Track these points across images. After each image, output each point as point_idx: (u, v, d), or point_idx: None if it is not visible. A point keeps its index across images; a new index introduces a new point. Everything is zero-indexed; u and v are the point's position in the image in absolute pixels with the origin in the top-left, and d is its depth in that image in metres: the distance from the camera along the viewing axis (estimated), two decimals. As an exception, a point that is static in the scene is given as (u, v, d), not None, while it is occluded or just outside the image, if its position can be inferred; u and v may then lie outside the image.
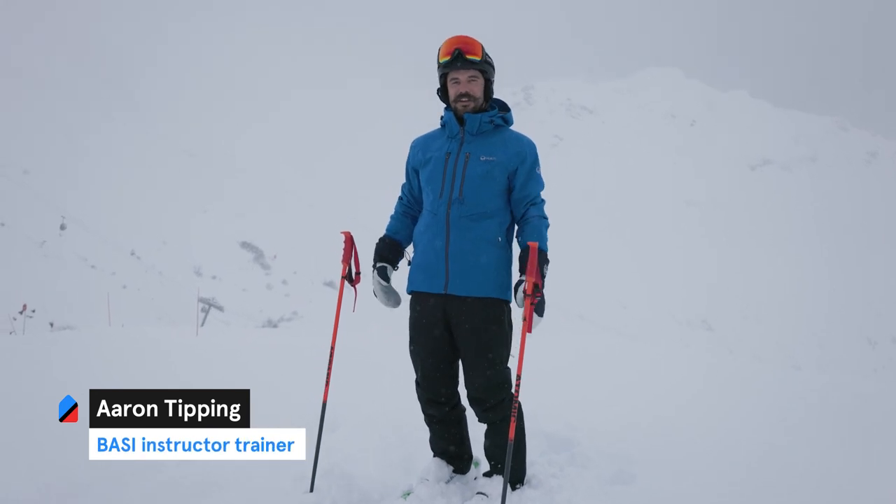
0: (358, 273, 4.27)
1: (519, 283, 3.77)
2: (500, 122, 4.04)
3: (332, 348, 4.27)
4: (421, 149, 4.15)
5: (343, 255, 4.18)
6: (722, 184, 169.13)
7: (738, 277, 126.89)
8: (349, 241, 4.23)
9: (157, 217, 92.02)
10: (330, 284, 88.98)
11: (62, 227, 68.03)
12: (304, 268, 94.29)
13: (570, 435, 5.27)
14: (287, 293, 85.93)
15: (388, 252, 4.15)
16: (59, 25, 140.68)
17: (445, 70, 3.97)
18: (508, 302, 4.00)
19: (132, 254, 74.22)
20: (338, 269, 4.47)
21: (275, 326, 54.74)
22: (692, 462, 4.84)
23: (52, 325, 21.34)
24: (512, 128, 4.13)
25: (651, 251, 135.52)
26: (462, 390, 4.12)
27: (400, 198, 4.31)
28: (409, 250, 4.20)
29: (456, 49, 3.88)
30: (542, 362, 7.84)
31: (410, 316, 4.10)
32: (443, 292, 3.93)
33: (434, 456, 4.28)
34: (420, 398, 4.14)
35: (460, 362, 4.08)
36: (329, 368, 4.23)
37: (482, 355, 3.89)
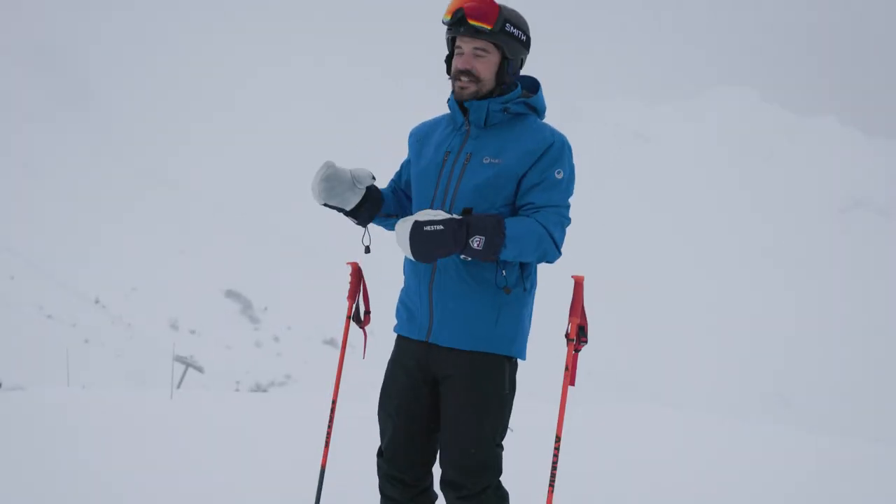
0: (367, 312, 4.12)
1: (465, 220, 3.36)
2: (520, 108, 3.59)
3: (334, 402, 4.21)
4: (418, 140, 3.82)
5: (349, 291, 4.09)
6: (804, 229, 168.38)
7: (822, 342, 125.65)
8: (356, 274, 4.11)
9: (127, 259, 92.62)
10: (330, 343, 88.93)
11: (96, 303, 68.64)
12: (300, 322, 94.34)
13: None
14: (279, 352, 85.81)
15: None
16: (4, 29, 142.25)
17: (450, 34, 3.56)
18: (512, 358, 3.64)
19: (96, 302, 74.58)
20: (340, 327, 4.38)
21: (264, 391, 54.72)
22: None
23: (-1, 384, 21.43)
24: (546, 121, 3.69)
25: (718, 308, 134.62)
26: (437, 470, 3.80)
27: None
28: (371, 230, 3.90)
29: (458, 9, 3.42)
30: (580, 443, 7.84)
31: (387, 364, 3.81)
32: (424, 340, 3.62)
33: None
34: (380, 473, 3.77)
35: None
36: (329, 426, 4.18)
37: (466, 426, 3.55)
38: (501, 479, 3.74)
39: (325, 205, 3.71)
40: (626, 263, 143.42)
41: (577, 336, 3.58)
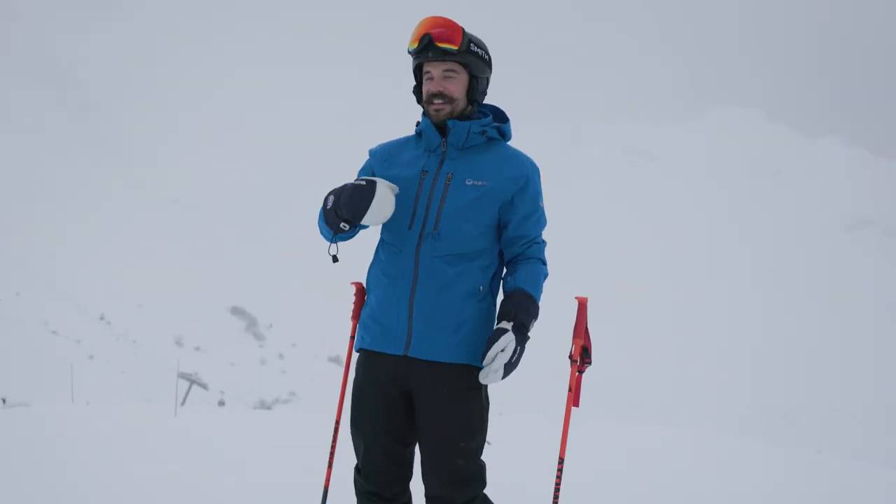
0: (371, 332, 4.11)
1: (498, 332, 3.41)
2: (494, 133, 3.71)
3: (338, 422, 4.18)
4: (384, 159, 3.82)
5: (353, 311, 4.06)
6: (810, 247, 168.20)
7: (826, 360, 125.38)
8: (360, 294, 4.03)
9: (132, 275, 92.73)
10: (336, 360, 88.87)
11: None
12: (305, 339, 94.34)
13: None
14: (283, 369, 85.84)
15: None
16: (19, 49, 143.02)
17: (417, 61, 3.66)
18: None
19: (102, 318, 74.66)
20: (345, 344, 4.33)
21: (268, 408, 54.63)
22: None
23: (4, 401, 21.45)
24: (510, 143, 3.79)
25: (722, 324, 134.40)
26: (414, 487, 3.78)
27: None
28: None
29: (425, 35, 3.54)
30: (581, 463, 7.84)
31: (354, 381, 3.75)
32: (402, 354, 3.58)
33: None
34: (358, 490, 3.74)
35: (417, 448, 3.71)
36: (333, 445, 4.14)
37: (451, 439, 3.55)
38: (504, 493, 3.73)
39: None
40: (630, 280, 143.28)
41: (581, 357, 3.59)
